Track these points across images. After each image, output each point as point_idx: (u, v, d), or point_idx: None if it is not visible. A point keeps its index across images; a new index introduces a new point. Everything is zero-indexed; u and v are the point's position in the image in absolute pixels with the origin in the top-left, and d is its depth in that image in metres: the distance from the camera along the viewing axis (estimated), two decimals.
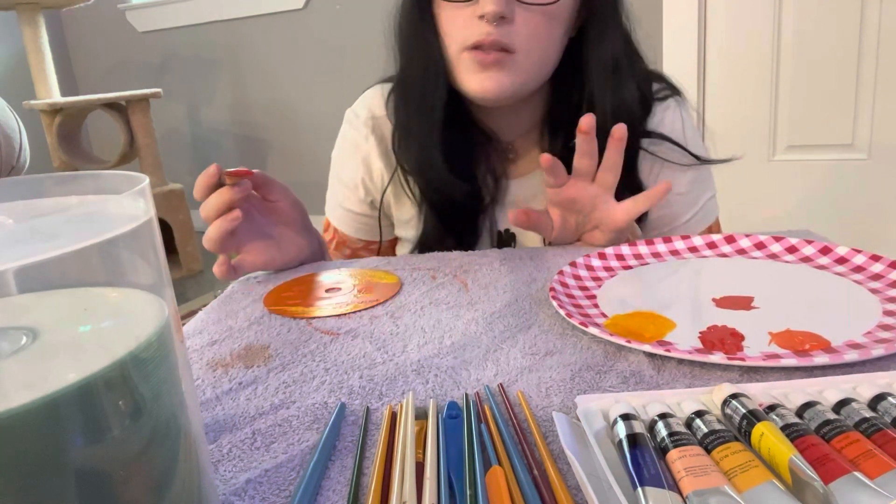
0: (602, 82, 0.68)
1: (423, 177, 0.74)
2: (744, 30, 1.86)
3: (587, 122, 0.60)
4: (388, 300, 0.55)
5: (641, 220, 0.75)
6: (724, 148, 0.78)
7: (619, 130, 0.61)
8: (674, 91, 0.76)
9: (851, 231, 1.88)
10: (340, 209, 0.83)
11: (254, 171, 0.62)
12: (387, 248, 0.86)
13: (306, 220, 0.70)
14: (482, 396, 0.37)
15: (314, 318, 0.52)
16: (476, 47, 0.64)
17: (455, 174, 0.72)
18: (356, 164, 0.80)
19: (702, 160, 0.74)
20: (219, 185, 0.59)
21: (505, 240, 0.78)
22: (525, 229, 0.66)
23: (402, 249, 0.84)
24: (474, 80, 0.66)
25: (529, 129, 0.76)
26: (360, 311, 0.53)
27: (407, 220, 0.80)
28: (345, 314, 0.52)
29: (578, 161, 0.63)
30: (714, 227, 0.78)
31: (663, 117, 0.74)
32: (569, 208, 0.66)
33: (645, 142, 0.73)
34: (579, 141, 0.62)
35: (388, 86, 0.78)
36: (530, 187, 0.76)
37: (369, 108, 0.79)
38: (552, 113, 0.74)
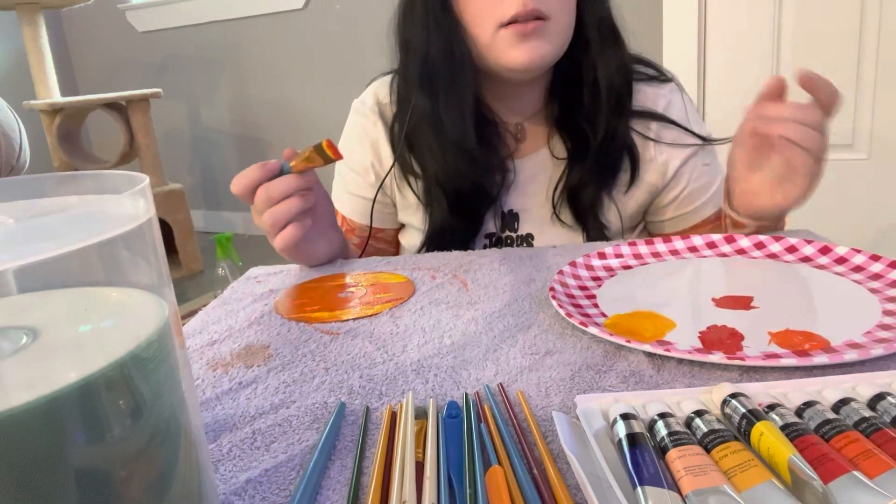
0: (600, 40, 0.71)
1: (443, 161, 0.75)
2: (744, 29, 1.85)
3: (802, 78, 0.57)
4: (410, 297, 0.55)
5: (665, 198, 0.78)
6: (724, 147, 0.78)
7: (801, 73, 0.57)
8: (667, 77, 0.79)
9: (851, 231, 1.88)
10: (349, 195, 0.84)
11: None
12: (392, 236, 0.88)
13: (335, 215, 0.73)
14: (482, 396, 0.37)
15: (345, 321, 0.51)
16: (513, 21, 0.66)
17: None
18: (365, 149, 0.82)
19: (712, 141, 0.78)
20: (280, 173, 0.62)
21: (509, 220, 0.80)
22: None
23: (407, 235, 0.86)
24: (516, 53, 0.68)
25: (535, 110, 0.79)
26: (388, 310, 0.53)
27: (411, 203, 0.81)
28: (374, 314, 0.52)
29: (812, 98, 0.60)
30: None
31: (671, 100, 0.76)
32: (759, 151, 0.67)
33: (654, 126, 0.75)
34: (807, 87, 0.59)
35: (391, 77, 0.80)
36: (535, 165, 0.79)
37: (376, 95, 0.82)
38: (554, 94, 0.77)
